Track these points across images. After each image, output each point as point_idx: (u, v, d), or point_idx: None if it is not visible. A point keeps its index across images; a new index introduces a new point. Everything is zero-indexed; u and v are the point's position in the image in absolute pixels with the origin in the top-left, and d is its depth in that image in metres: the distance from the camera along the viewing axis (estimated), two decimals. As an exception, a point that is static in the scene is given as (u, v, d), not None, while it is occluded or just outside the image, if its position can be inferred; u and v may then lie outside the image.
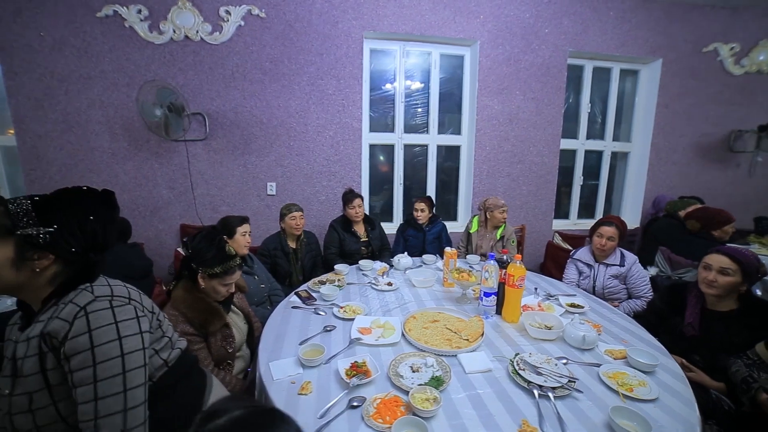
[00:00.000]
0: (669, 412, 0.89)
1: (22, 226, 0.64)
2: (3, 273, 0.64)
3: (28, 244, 0.65)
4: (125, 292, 0.73)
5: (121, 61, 2.61)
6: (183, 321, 1.14)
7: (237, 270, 1.24)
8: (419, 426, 0.80)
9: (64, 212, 0.68)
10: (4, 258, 0.64)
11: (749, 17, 3.23)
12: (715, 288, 1.26)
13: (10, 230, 0.64)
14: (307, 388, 0.94)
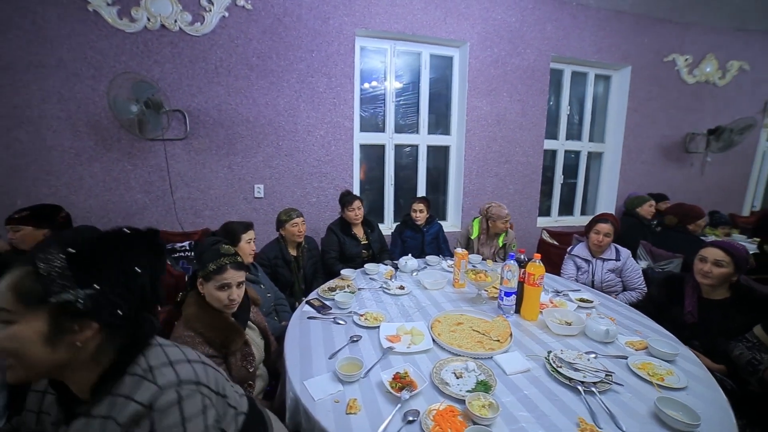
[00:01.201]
0: (700, 398, 0.95)
1: (56, 291, 0.51)
2: (35, 353, 0.51)
3: (65, 313, 0.52)
4: (191, 374, 0.59)
5: (83, 49, 2.33)
6: (201, 342, 1.03)
7: (230, 268, 1.10)
8: (485, 436, 0.78)
9: (106, 266, 0.55)
10: (34, 334, 0.50)
11: (698, 32, 3.60)
12: (710, 278, 1.38)
13: (42, 298, 0.51)
14: (355, 407, 0.89)
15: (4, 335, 0.50)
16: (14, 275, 0.52)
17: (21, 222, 1.61)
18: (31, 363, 0.52)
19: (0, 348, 0.51)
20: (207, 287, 1.09)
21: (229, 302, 1.09)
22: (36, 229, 1.66)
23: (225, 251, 1.14)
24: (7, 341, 0.50)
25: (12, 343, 0.50)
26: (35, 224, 1.66)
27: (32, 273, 0.51)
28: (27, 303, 0.51)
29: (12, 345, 0.50)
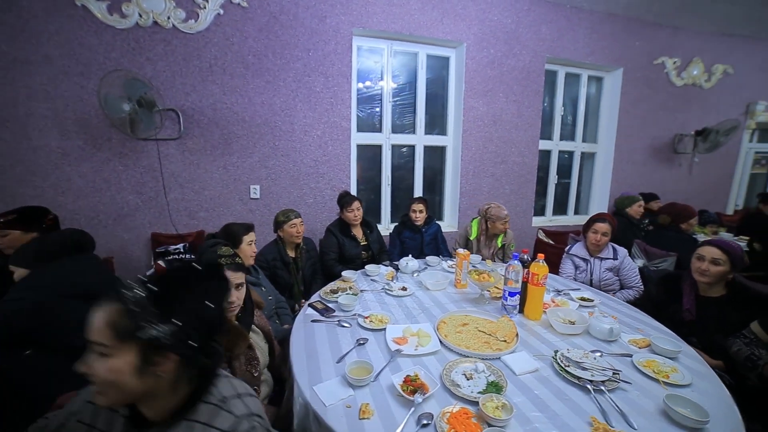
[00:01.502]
0: (705, 395, 0.97)
1: (144, 328, 0.56)
2: (126, 383, 0.56)
3: (151, 346, 0.57)
4: (255, 406, 0.66)
5: (71, 45, 2.25)
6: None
7: (228, 269, 1.07)
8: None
9: (182, 301, 0.60)
10: (127, 366, 0.56)
11: (686, 36, 3.69)
12: (708, 276, 1.41)
13: (133, 334, 0.56)
14: (368, 412, 0.87)
15: (104, 367, 0.56)
16: (109, 313, 0.57)
17: (8, 226, 1.54)
18: (122, 391, 0.57)
19: (99, 378, 0.56)
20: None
21: (227, 305, 1.06)
22: (24, 233, 1.59)
23: (223, 252, 1.13)
24: (106, 372, 0.56)
25: (109, 374, 0.56)
26: (23, 228, 1.59)
27: (121, 311, 0.56)
28: (122, 339, 0.56)
29: (109, 376, 0.56)
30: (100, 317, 0.57)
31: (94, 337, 0.56)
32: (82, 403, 0.66)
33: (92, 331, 0.56)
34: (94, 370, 0.56)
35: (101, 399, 0.58)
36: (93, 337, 0.56)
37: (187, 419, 0.60)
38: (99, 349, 0.56)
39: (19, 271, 1.17)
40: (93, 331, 0.56)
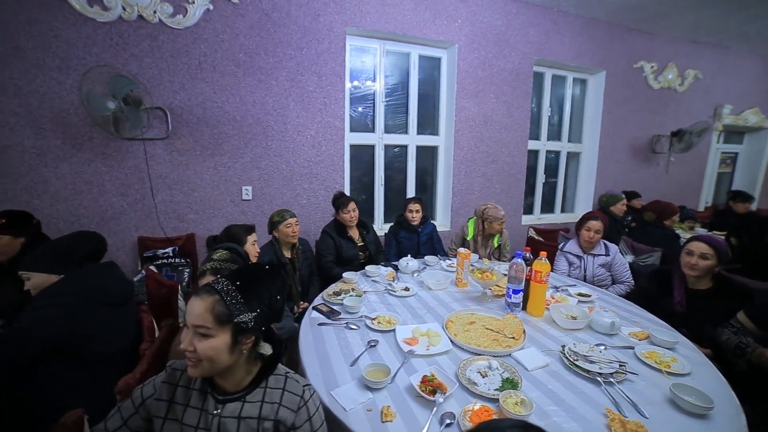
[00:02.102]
0: (704, 382, 1.03)
1: (237, 314, 0.71)
2: (222, 357, 0.70)
3: (240, 329, 0.72)
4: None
5: (46, 37, 2.12)
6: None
7: (208, 274, 1.12)
8: None
9: (260, 294, 0.75)
10: (223, 344, 0.70)
11: (662, 42, 3.89)
12: (697, 270, 1.49)
13: (228, 319, 0.70)
14: (390, 414, 0.87)
15: (207, 346, 0.69)
16: (208, 301, 0.71)
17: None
18: (217, 365, 0.71)
19: (203, 355, 0.69)
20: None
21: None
22: (14, 238, 1.50)
23: (218, 257, 1.12)
24: (208, 350, 0.69)
25: (210, 351, 0.69)
26: (13, 233, 1.49)
27: (219, 301, 0.71)
28: (220, 323, 0.70)
29: (210, 352, 0.69)
30: (202, 305, 0.70)
31: (197, 322, 0.69)
32: (154, 386, 0.77)
33: (195, 317, 0.70)
34: (198, 347, 0.69)
35: (195, 371, 0.70)
36: (196, 321, 0.69)
37: (262, 387, 0.77)
38: (202, 331, 0.69)
39: (39, 276, 1.09)
40: (196, 316, 0.70)
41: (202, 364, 0.70)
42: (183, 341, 0.70)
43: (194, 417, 0.74)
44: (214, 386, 0.76)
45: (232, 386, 0.76)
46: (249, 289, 0.74)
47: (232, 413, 0.74)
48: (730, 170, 5.22)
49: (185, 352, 0.70)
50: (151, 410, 0.75)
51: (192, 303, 0.71)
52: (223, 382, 0.76)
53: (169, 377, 0.78)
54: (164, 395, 0.76)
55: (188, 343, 0.70)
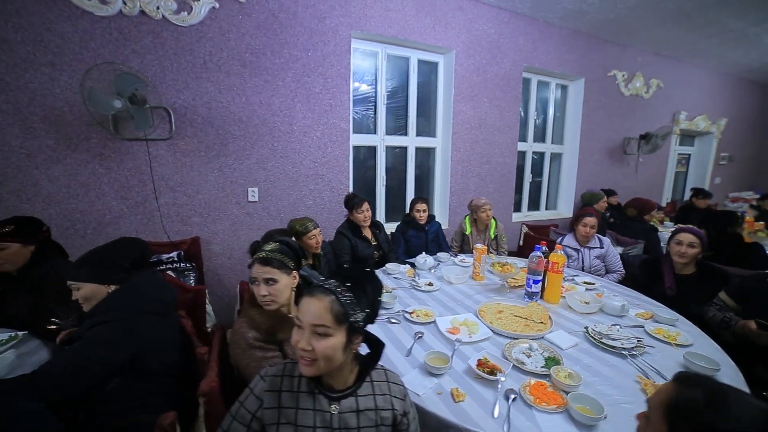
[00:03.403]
0: (706, 350, 1.21)
1: (351, 314, 0.73)
2: (338, 356, 0.73)
3: (352, 328, 0.74)
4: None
5: (37, 30, 1.99)
6: (247, 327, 1.05)
7: (257, 263, 1.10)
8: (584, 399, 0.91)
9: (366, 295, 0.77)
10: (340, 343, 0.72)
11: (631, 53, 4.29)
12: (686, 258, 1.72)
13: (345, 319, 0.73)
14: (460, 395, 0.96)
15: (325, 345, 0.71)
16: (325, 301, 0.72)
17: (6, 238, 1.36)
18: (332, 363, 0.73)
19: (321, 354, 0.71)
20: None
21: (261, 298, 1.08)
22: (24, 246, 1.42)
23: (270, 248, 1.13)
24: (328, 349, 0.72)
25: (328, 349, 0.72)
26: (23, 240, 1.41)
27: (336, 301, 0.72)
28: (338, 322, 0.72)
29: (328, 351, 0.72)
30: (321, 305, 0.72)
31: (317, 321, 0.71)
32: (256, 397, 0.78)
33: (314, 316, 0.71)
34: (316, 347, 0.71)
35: (310, 370, 0.73)
36: (316, 321, 0.71)
37: (368, 381, 0.81)
38: (321, 330, 0.71)
39: (88, 287, 1.06)
40: (315, 316, 0.71)
41: (318, 363, 0.72)
42: (299, 341, 0.72)
43: (309, 418, 0.75)
44: (321, 386, 0.78)
45: (340, 384, 0.79)
46: (357, 290, 0.76)
47: (350, 408, 0.77)
48: (684, 170, 5.83)
49: (302, 351, 0.72)
50: (264, 420, 0.76)
51: (308, 303, 0.73)
52: (331, 380, 0.78)
53: (270, 385, 0.78)
54: (272, 403, 0.77)
55: (306, 342, 0.71)
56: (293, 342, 0.74)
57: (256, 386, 0.79)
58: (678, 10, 3.29)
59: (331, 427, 0.75)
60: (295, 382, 0.79)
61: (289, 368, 0.81)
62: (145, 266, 1.23)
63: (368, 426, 0.77)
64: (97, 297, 1.08)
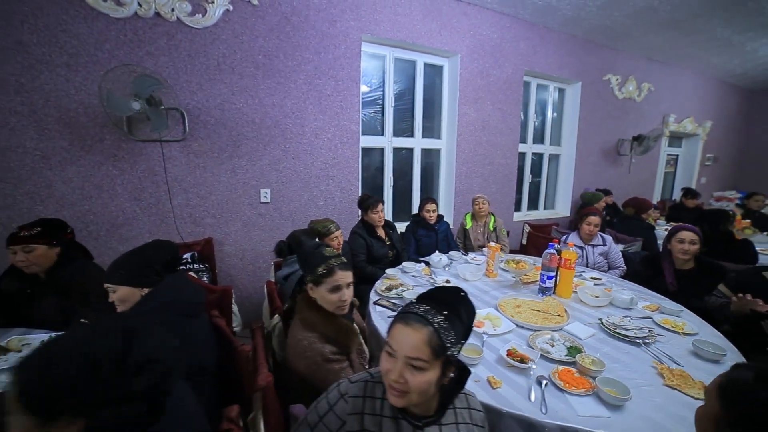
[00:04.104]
0: (710, 338, 1.32)
1: (449, 347, 0.69)
2: (431, 390, 0.70)
3: (449, 361, 0.71)
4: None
5: (53, 32, 1.99)
6: (322, 341, 1.07)
7: (338, 270, 1.13)
8: (610, 383, 1.00)
9: (462, 323, 0.73)
10: (435, 377, 0.69)
11: (624, 58, 4.45)
12: (688, 254, 1.83)
13: (442, 352, 0.69)
14: (497, 382, 1.03)
15: (421, 379, 0.68)
16: (424, 333, 0.68)
17: (33, 240, 1.37)
18: (423, 395, 0.70)
19: (415, 388, 0.68)
20: (318, 290, 1.12)
21: (341, 303, 1.12)
22: (50, 247, 1.43)
23: (329, 253, 1.17)
24: (423, 384, 0.68)
25: (424, 385, 0.68)
26: (49, 242, 1.43)
27: (434, 333, 0.68)
28: (436, 356, 0.68)
29: (423, 385, 0.68)
30: (419, 337, 0.68)
31: (414, 354, 0.68)
32: (337, 416, 0.76)
33: (412, 348, 0.68)
34: (410, 380, 0.68)
35: (400, 401, 0.70)
36: (413, 353, 0.68)
37: (451, 408, 0.79)
38: (418, 364, 0.68)
39: (124, 290, 1.08)
40: (413, 348, 0.68)
41: (410, 395, 0.68)
42: (390, 371, 0.69)
43: None
44: (404, 411, 0.75)
45: (422, 411, 0.75)
46: (453, 318, 0.72)
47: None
48: (673, 170, 6.07)
49: (393, 382, 0.69)
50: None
51: (404, 333, 0.69)
52: (414, 408, 0.74)
53: (353, 408, 0.76)
54: (355, 426, 0.74)
55: (398, 375, 0.68)
56: (383, 370, 0.72)
57: (337, 405, 0.76)
58: (669, 19, 3.45)
59: None
60: (377, 404, 0.76)
61: (370, 388, 0.78)
62: (175, 268, 1.26)
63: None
64: (131, 300, 1.10)
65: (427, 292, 0.80)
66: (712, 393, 0.66)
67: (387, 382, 0.71)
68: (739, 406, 0.60)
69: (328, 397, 0.79)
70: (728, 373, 0.66)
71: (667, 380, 1.05)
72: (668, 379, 1.05)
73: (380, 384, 0.77)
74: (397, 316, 0.75)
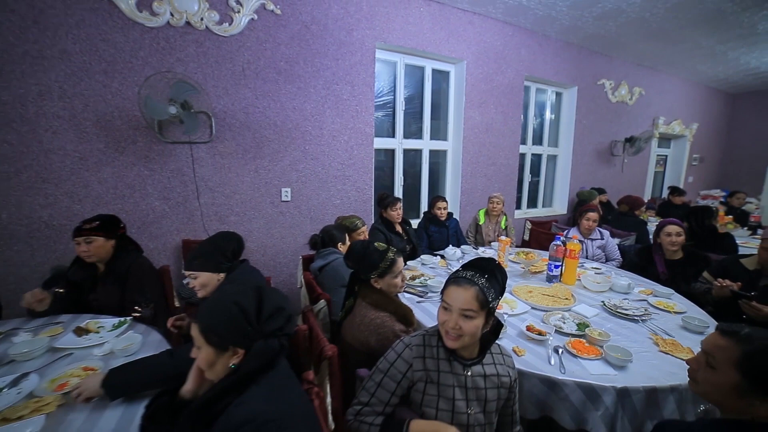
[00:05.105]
0: (696, 315, 1.53)
1: (491, 300, 0.91)
2: (478, 333, 0.92)
3: (490, 312, 0.93)
4: None
5: (93, 41, 2.11)
6: (392, 320, 1.23)
7: (398, 258, 1.32)
8: (615, 349, 1.19)
9: (498, 283, 0.94)
10: (481, 323, 0.91)
11: (617, 64, 4.71)
12: (676, 245, 2.05)
13: (486, 304, 0.90)
14: (521, 351, 1.21)
15: (472, 325, 0.90)
16: (472, 291, 0.90)
17: (93, 232, 1.52)
18: (473, 338, 0.92)
19: (467, 332, 0.90)
20: (384, 281, 1.29)
21: (402, 284, 1.32)
22: (107, 240, 1.58)
23: (382, 248, 1.33)
24: (473, 328, 0.90)
25: (474, 329, 0.90)
26: (106, 235, 1.57)
27: (479, 290, 0.90)
28: (481, 307, 0.90)
29: (473, 330, 0.90)
30: (469, 293, 0.90)
31: (466, 306, 0.89)
32: (405, 361, 0.95)
33: (464, 302, 0.89)
34: (463, 326, 0.89)
35: (456, 344, 0.91)
36: (465, 306, 0.89)
37: (489, 353, 1.01)
38: (469, 314, 0.89)
39: (205, 275, 1.23)
40: (464, 301, 0.89)
41: (464, 338, 0.89)
42: (448, 321, 0.90)
43: (449, 378, 0.93)
44: (455, 354, 0.95)
45: (468, 354, 0.96)
46: (492, 279, 0.92)
47: (479, 373, 0.96)
48: (662, 170, 6.38)
49: (450, 329, 0.89)
50: (413, 379, 0.93)
51: (456, 291, 0.90)
52: (463, 351, 0.95)
53: (417, 353, 0.95)
54: (419, 367, 0.94)
55: (454, 323, 0.89)
56: (440, 320, 0.93)
57: (404, 353, 0.96)
58: (659, 29, 3.70)
59: (465, 387, 0.94)
60: (434, 350, 0.96)
61: (428, 339, 0.98)
62: (240, 256, 1.42)
63: (492, 387, 0.96)
64: (211, 284, 1.26)
65: (470, 261, 1.01)
66: (727, 364, 0.72)
67: (444, 330, 0.92)
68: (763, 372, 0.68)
69: (396, 349, 0.98)
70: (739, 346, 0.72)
71: (661, 347, 1.25)
72: (662, 346, 1.25)
73: (434, 336, 0.98)
74: (449, 279, 0.96)
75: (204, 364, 0.74)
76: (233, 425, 0.66)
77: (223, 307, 0.74)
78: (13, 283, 2.09)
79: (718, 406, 0.77)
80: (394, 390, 0.93)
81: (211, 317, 0.74)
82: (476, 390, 0.95)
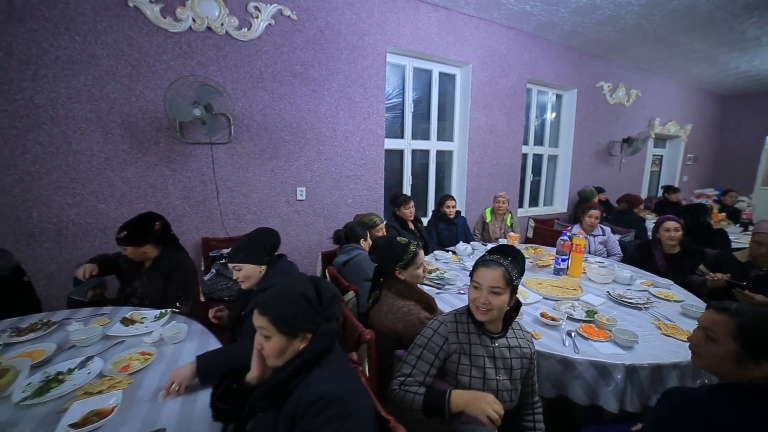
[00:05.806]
0: (694, 303, 1.66)
1: (514, 279, 1.05)
2: (504, 308, 1.07)
3: (514, 290, 1.08)
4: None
5: (120, 46, 2.19)
6: (418, 307, 1.34)
7: (419, 250, 1.43)
8: (623, 332, 1.31)
9: (519, 265, 1.10)
10: (507, 299, 1.05)
11: (614, 67, 4.86)
12: (675, 240, 2.18)
13: (510, 282, 1.04)
14: (538, 335, 1.33)
15: (500, 300, 1.04)
16: (499, 271, 1.04)
17: (122, 243, 1.60)
18: (501, 313, 1.08)
19: (495, 306, 1.03)
20: (407, 272, 1.40)
21: (424, 275, 1.43)
22: (137, 247, 1.63)
23: (403, 242, 1.45)
24: (500, 303, 1.04)
25: (501, 303, 1.05)
26: (134, 243, 1.62)
27: (505, 270, 1.05)
28: (507, 284, 1.04)
29: (501, 304, 1.05)
30: (497, 273, 1.04)
31: (493, 284, 1.03)
32: (440, 335, 1.07)
33: (492, 280, 1.03)
34: (492, 301, 1.03)
35: (485, 317, 1.06)
36: (493, 284, 1.03)
37: (511, 328, 1.14)
38: (497, 290, 1.03)
39: (248, 267, 1.33)
40: (493, 280, 1.03)
41: (492, 312, 1.03)
42: (478, 298, 1.03)
43: (479, 350, 1.06)
44: (483, 328, 1.09)
45: (494, 328, 1.09)
46: (514, 261, 1.07)
47: (504, 345, 1.09)
48: (658, 169, 6.56)
49: (481, 305, 1.03)
50: (449, 351, 1.05)
51: (486, 272, 1.04)
52: (490, 326, 1.09)
53: (450, 327, 1.08)
54: (454, 339, 1.06)
55: (484, 299, 1.02)
56: (471, 297, 1.07)
57: (440, 328, 1.09)
58: (655, 34, 3.85)
59: (493, 357, 1.07)
60: (465, 326, 1.10)
61: (459, 316, 1.12)
62: (277, 250, 1.52)
63: (516, 357, 1.09)
64: (254, 276, 1.36)
65: (493, 248, 1.16)
66: (726, 336, 0.82)
67: (475, 306, 1.05)
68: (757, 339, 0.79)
69: (432, 326, 1.11)
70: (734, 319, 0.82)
71: (664, 331, 1.38)
72: (664, 330, 1.38)
73: (464, 314, 1.13)
74: (477, 262, 1.10)
75: (274, 353, 0.80)
76: (305, 403, 0.74)
77: (291, 297, 0.82)
78: (43, 279, 2.17)
79: (719, 374, 0.89)
80: (433, 362, 1.05)
81: (280, 308, 0.81)
82: (503, 359, 1.08)
